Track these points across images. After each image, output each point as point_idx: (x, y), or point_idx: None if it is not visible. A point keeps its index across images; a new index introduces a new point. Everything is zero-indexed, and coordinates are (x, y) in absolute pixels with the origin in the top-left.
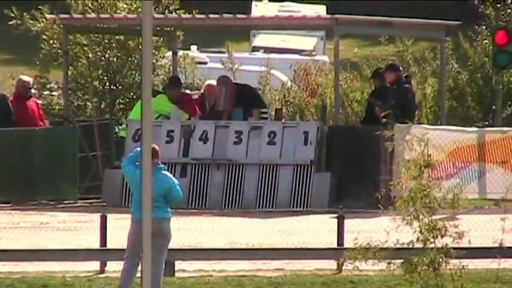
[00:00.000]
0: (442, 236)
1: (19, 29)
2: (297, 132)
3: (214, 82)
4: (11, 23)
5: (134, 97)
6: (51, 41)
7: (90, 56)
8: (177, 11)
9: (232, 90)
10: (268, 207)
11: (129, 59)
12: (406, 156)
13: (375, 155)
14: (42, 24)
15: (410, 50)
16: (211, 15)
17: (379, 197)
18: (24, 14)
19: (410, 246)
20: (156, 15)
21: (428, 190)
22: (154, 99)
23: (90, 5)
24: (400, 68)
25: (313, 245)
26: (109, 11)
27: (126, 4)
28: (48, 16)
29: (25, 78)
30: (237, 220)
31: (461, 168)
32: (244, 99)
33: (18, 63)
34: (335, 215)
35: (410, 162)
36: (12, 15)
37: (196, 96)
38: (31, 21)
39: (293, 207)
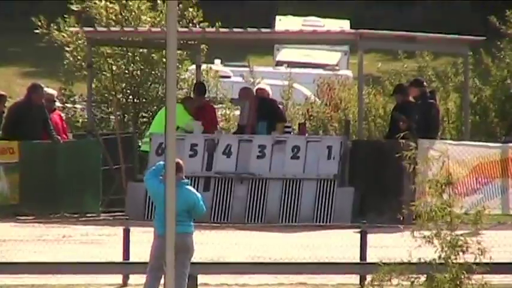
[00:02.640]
0: (463, 253)
1: (44, 40)
2: (320, 146)
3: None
4: (37, 31)
5: (158, 111)
6: (74, 53)
7: (114, 68)
8: (201, 24)
9: (255, 104)
10: (291, 222)
11: (153, 72)
12: (429, 172)
13: (398, 170)
14: (66, 36)
15: (432, 65)
16: (235, 29)
17: (402, 216)
18: (51, 24)
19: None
20: (181, 29)
21: (449, 209)
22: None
23: (114, 17)
24: (425, 83)
25: (335, 260)
26: (133, 24)
27: (150, 17)
28: (72, 29)
29: (50, 91)
30: (260, 234)
31: (485, 184)
32: (266, 113)
33: (43, 76)
34: (358, 230)
35: (432, 181)
36: (39, 24)
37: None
38: (57, 32)
39: (316, 222)
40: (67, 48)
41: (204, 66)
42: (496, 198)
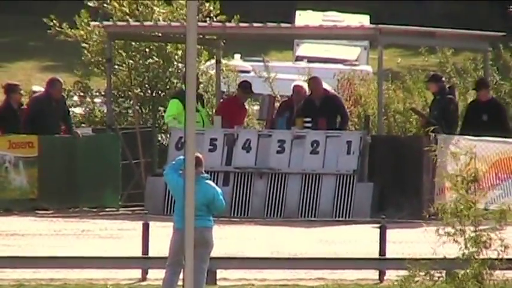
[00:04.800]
0: (486, 248)
1: (58, 38)
2: (340, 141)
3: (301, 83)
4: (49, 31)
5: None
6: (90, 49)
7: (132, 62)
8: (218, 17)
9: (275, 99)
10: (311, 217)
11: (170, 66)
12: (449, 167)
13: (418, 166)
14: (82, 32)
15: (452, 61)
16: (255, 24)
17: (428, 214)
18: (64, 24)
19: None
20: (200, 24)
21: (474, 207)
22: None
23: (128, 11)
24: (443, 79)
25: (355, 255)
26: (149, 18)
27: (164, 12)
28: (91, 23)
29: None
30: (279, 229)
31: (504, 180)
32: (330, 109)
33: (61, 70)
34: (377, 225)
35: (457, 177)
36: (51, 24)
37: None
38: (70, 30)
39: (335, 217)
40: (84, 45)
41: (224, 61)
42: None
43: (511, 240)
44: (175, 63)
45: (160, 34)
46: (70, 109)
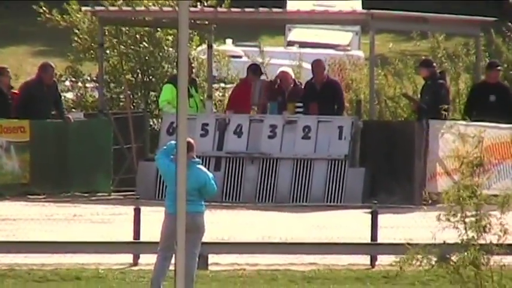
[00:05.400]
0: (486, 233)
1: (48, 25)
2: (331, 126)
3: (287, 69)
4: (39, 19)
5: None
6: (81, 36)
7: (123, 47)
8: (208, 1)
9: (267, 84)
10: (302, 202)
11: (160, 50)
12: (440, 152)
13: (409, 150)
14: (73, 18)
15: (443, 46)
16: (247, 9)
17: (426, 199)
18: (54, 10)
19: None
20: (192, 9)
21: (478, 191)
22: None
23: None
24: (434, 64)
25: (346, 240)
26: (138, 4)
27: None
28: (83, 8)
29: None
30: (271, 214)
31: (496, 165)
32: (331, 95)
33: (54, 55)
34: (369, 210)
35: (464, 158)
36: (41, 11)
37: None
38: (60, 17)
39: (327, 202)
40: (76, 31)
41: (215, 47)
42: (508, 179)
43: (510, 226)
44: (166, 48)
45: (151, 19)
46: (62, 94)
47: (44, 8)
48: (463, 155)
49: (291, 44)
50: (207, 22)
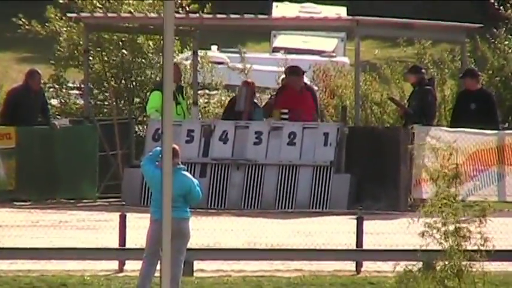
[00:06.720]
0: (466, 242)
1: (30, 36)
2: (316, 133)
3: (249, 80)
4: (19, 31)
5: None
6: (62, 44)
7: (104, 54)
8: (190, 6)
9: (253, 91)
10: (288, 208)
11: (143, 57)
12: (426, 159)
13: (395, 157)
14: (57, 26)
15: (429, 52)
16: (232, 16)
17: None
18: (33, 21)
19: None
20: (178, 15)
21: (455, 202)
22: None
23: (97, 3)
24: (423, 70)
25: (332, 246)
26: (119, 9)
27: (133, 5)
28: (69, 15)
29: None
30: (256, 220)
31: (481, 171)
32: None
33: (39, 61)
34: (354, 216)
35: (438, 172)
36: (20, 23)
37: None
38: (39, 26)
39: (312, 208)
40: (59, 38)
41: (200, 53)
42: (493, 186)
43: (491, 232)
44: (147, 54)
45: (136, 25)
46: (47, 101)
47: (23, 20)
48: (437, 169)
49: (276, 50)
50: (192, 28)
